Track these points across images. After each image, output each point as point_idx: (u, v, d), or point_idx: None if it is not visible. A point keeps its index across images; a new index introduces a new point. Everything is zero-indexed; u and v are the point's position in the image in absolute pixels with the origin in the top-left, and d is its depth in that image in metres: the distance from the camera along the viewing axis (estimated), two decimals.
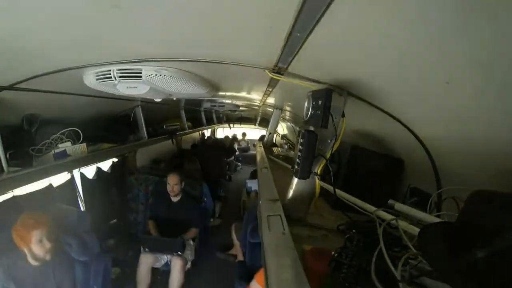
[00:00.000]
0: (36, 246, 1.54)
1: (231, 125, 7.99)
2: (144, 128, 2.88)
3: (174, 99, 2.41)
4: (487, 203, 0.42)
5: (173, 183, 2.76)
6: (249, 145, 9.16)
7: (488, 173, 0.83)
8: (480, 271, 0.38)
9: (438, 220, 0.86)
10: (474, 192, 0.45)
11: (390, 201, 1.00)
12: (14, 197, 1.87)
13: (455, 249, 0.42)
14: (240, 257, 3.00)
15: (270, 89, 1.84)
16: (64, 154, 1.87)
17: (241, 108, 4.54)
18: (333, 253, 0.80)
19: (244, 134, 9.44)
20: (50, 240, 1.57)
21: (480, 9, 0.40)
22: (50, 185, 2.21)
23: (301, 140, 0.97)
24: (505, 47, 0.45)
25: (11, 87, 1.30)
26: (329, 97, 0.89)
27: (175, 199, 2.85)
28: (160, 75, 1.28)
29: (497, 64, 0.50)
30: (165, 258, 2.71)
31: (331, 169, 1.01)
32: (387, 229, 0.80)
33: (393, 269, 0.62)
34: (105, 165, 3.09)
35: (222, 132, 9.05)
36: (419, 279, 0.61)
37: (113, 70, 1.25)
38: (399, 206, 0.98)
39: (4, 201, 1.80)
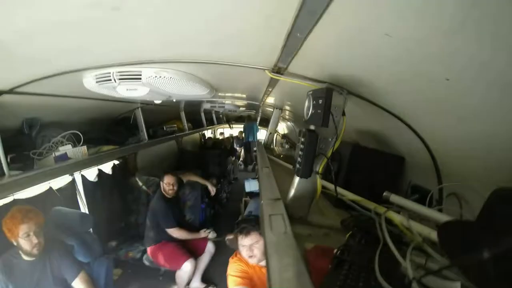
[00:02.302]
0: (23, 241, 1.54)
1: (231, 125, 8.02)
2: (145, 130, 2.88)
3: (174, 100, 2.41)
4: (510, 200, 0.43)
5: None
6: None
7: (489, 170, 0.83)
8: (503, 268, 0.38)
9: (438, 213, 0.87)
10: (497, 189, 0.45)
11: (385, 193, 1.01)
12: (14, 200, 1.88)
13: (477, 246, 0.42)
14: None
15: (270, 89, 1.85)
16: (65, 157, 1.87)
17: (241, 108, 4.54)
18: (335, 251, 0.80)
19: (241, 133, 9.49)
20: (37, 236, 1.58)
21: (480, 6, 0.40)
22: (51, 188, 2.22)
23: (302, 139, 0.97)
24: (506, 44, 0.46)
25: (11, 91, 1.31)
26: (329, 96, 0.89)
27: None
28: (160, 76, 1.29)
29: (497, 61, 0.51)
30: None
31: (332, 168, 1.01)
32: (388, 227, 0.81)
33: (408, 268, 0.62)
34: (106, 167, 3.09)
35: (223, 131, 9.10)
36: (425, 279, 0.61)
37: (113, 72, 1.26)
38: (394, 198, 0.98)
39: (4, 205, 1.80)
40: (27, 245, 1.56)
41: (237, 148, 8.48)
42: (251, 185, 3.46)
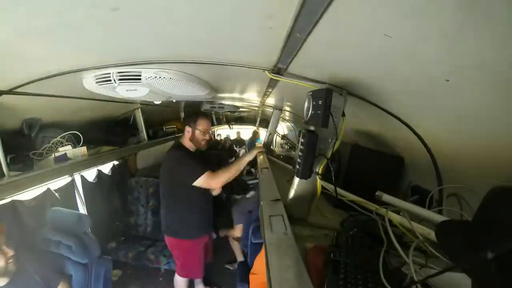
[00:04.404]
0: None
1: (231, 126, 8.01)
2: (144, 131, 2.88)
3: (174, 101, 2.41)
4: (507, 198, 0.43)
5: None
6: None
7: (489, 170, 0.83)
8: (503, 266, 0.38)
9: (431, 212, 0.88)
10: (493, 188, 0.45)
11: (378, 193, 1.01)
12: (12, 201, 1.87)
13: (476, 244, 0.42)
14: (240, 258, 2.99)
15: (270, 90, 1.85)
16: (64, 157, 1.87)
17: (240, 109, 4.54)
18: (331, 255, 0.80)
19: (239, 134, 9.53)
20: (8, 246, 1.35)
21: (480, 8, 0.41)
22: (49, 189, 2.21)
23: (302, 140, 0.97)
24: (504, 45, 0.46)
25: (10, 92, 1.30)
26: (329, 96, 0.89)
27: None
28: (160, 77, 1.28)
29: (497, 62, 0.51)
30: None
31: (332, 169, 1.01)
32: (389, 229, 0.81)
33: (412, 268, 0.62)
34: (106, 168, 3.09)
35: (222, 132, 9.12)
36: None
37: (113, 73, 1.25)
38: (386, 197, 0.99)
39: (3, 205, 1.79)
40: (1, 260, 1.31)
41: (237, 149, 8.48)
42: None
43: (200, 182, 1.91)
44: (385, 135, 1.36)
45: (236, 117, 8.09)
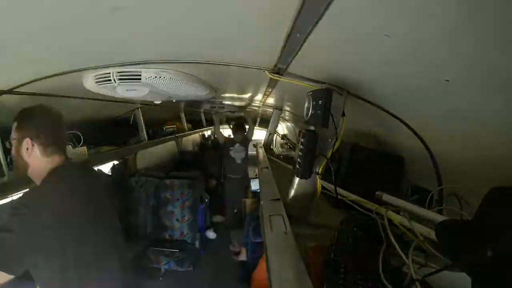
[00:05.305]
0: None
1: (231, 126, 8.00)
2: (144, 130, 2.88)
3: (174, 101, 2.41)
4: (507, 199, 0.43)
5: None
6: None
7: (489, 170, 0.83)
8: (503, 265, 0.38)
9: (432, 212, 0.88)
10: (494, 188, 0.45)
11: (378, 193, 1.01)
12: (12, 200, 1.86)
13: (476, 244, 0.43)
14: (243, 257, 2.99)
15: (270, 90, 1.85)
16: None
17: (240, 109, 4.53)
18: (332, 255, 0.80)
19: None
20: None
21: (481, 6, 0.41)
22: None
23: (302, 140, 0.97)
24: (505, 45, 0.46)
25: (10, 91, 1.30)
26: (329, 97, 0.89)
27: None
28: (160, 77, 1.28)
29: (497, 62, 0.51)
30: None
31: (332, 168, 1.01)
32: (388, 228, 0.81)
33: (411, 268, 0.62)
34: (106, 168, 3.09)
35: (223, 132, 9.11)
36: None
37: (113, 72, 1.25)
38: (386, 197, 0.99)
39: (3, 204, 1.79)
40: None
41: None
42: (256, 184, 3.44)
43: None
44: (385, 135, 1.36)
45: (237, 118, 8.08)
